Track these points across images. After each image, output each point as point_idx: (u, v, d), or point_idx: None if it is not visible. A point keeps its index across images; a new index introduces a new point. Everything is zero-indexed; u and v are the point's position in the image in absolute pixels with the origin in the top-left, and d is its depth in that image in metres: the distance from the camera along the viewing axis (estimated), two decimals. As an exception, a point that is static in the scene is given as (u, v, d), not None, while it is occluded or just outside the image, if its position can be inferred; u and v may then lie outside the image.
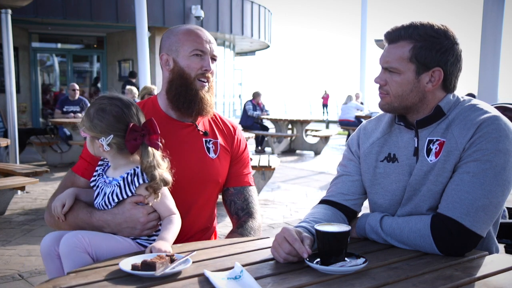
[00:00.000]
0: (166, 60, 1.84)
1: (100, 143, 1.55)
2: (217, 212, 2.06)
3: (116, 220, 1.57)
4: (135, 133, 1.54)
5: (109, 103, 1.57)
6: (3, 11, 6.23)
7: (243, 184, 1.95)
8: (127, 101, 1.61)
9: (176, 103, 1.82)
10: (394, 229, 1.49)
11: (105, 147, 1.55)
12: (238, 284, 1.18)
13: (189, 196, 1.83)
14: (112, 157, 1.60)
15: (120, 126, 1.54)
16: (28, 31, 13.78)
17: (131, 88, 8.11)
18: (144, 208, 1.58)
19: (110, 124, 1.54)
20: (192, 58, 1.80)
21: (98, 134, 1.55)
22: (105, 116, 1.55)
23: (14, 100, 6.39)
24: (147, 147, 1.55)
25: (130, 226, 1.57)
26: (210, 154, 1.87)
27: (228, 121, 2.03)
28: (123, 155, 1.58)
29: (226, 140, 1.96)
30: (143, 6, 7.99)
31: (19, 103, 11.27)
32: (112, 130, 1.54)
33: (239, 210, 1.92)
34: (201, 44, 1.81)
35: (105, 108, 1.56)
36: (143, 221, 1.57)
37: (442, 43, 1.50)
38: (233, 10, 16.00)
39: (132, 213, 1.56)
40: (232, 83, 19.65)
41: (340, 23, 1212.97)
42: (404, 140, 1.59)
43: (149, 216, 1.58)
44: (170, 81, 1.83)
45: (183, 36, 1.81)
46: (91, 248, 1.48)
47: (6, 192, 5.03)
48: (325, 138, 10.95)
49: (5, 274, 3.45)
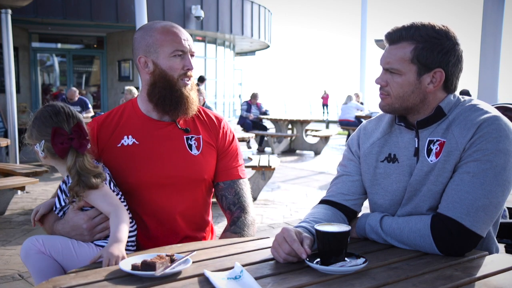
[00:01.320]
0: (145, 62, 1.79)
1: (36, 149, 1.62)
2: (216, 213, 2.05)
3: (65, 229, 1.62)
4: (61, 136, 1.57)
5: (41, 110, 1.64)
6: (3, 11, 6.23)
7: (232, 178, 1.91)
8: (59, 107, 1.63)
9: (162, 106, 1.79)
10: (394, 229, 1.49)
11: (41, 153, 1.61)
12: (238, 284, 1.18)
13: (175, 196, 1.81)
14: (54, 164, 1.64)
15: (48, 131, 1.59)
16: (28, 31, 13.79)
17: (131, 88, 8.12)
18: (86, 214, 1.60)
19: (40, 129, 1.60)
20: (173, 59, 1.76)
21: (34, 141, 1.62)
22: (36, 122, 1.62)
23: (14, 100, 6.39)
24: (74, 151, 1.58)
25: (77, 233, 1.60)
26: (192, 151, 1.84)
27: (213, 114, 1.98)
28: (60, 161, 1.62)
29: (210, 134, 1.91)
30: (143, 6, 7.98)
31: (19, 103, 11.25)
32: (42, 136, 1.59)
33: (231, 205, 1.89)
34: (180, 44, 1.76)
35: (37, 115, 1.63)
36: (86, 227, 1.59)
37: (443, 44, 1.49)
38: (233, 10, 16.01)
39: (75, 221, 1.60)
40: (232, 83, 19.66)
41: (340, 23, 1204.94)
42: (405, 141, 1.59)
43: (93, 221, 1.60)
44: (152, 84, 1.79)
45: (160, 36, 1.76)
46: (45, 248, 1.56)
47: (6, 192, 5.03)
48: (325, 138, 10.95)
49: (5, 274, 3.45)
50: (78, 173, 1.55)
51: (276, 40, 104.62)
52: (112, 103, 14.89)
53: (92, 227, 1.59)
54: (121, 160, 1.78)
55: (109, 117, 1.88)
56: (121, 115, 1.87)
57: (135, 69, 13.99)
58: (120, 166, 1.77)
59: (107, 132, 1.83)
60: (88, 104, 9.51)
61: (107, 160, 1.78)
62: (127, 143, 1.80)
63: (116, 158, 1.78)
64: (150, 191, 1.79)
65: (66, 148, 1.57)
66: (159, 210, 1.80)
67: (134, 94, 7.88)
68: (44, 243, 1.56)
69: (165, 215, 1.80)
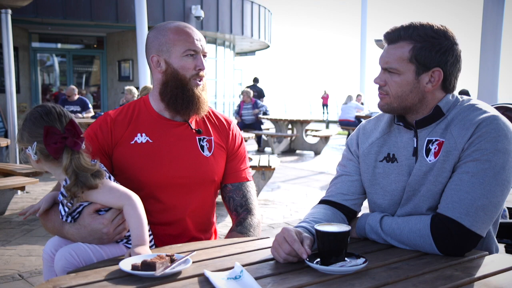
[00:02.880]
0: (157, 61, 1.80)
1: (28, 153, 1.52)
2: (217, 212, 2.06)
3: (81, 234, 1.54)
4: (54, 136, 1.49)
5: (31, 111, 1.55)
6: (3, 11, 6.24)
7: (241, 180, 1.93)
8: (50, 107, 1.55)
9: (174, 105, 1.79)
10: (394, 229, 1.49)
11: (33, 156, 1.51)
12: (238, 284, 1.18)
13: (185, 197, 1.81)
14: (49, 168, 1.56)
15: (39, 131, 1.50)
16: (28, 31, 13.79)
17: (131, 88, 8.11)
18: (104, 218, 1.52)
19: (31, 130, 1.51)
20: (185, 58, 1.77)
21: (25, 143, 1.53)
22: (26, 124, 1.53)
23: (14, 100, 6.39)
24: (69, 150, 1.50)
25: (96, 238, 1.53)
26: (204, 152, 1.85)
27: (222, 116, 1.99)
28: (55, 163, 1.53)
29: (221, 136, 1.93)
30: (143, 6, 7.99)
31: (19, 103, 11.26)
32: (34, 137, 1.50)
33: (238, 207, 1.90)
34: (193, 44, 1.77)
35: (27, 117, 1.54)
36: (106, 231, 1.52)
37: (441, 43, 1.50)
38: (233, 10, 16.01)
39: (93, 226, 1.52)
40: (232, 83, 19.65)
41: (340, 23, 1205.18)
42: (403, 140, 1.59)
43: (112, 223, 1.52)
44: (164, 83, 1.80)
45: (173, 35, 1.77)
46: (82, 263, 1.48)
47: (6, 192, 5.03)
48: (325, 138, 10.95)
49: (5, 274, 3.45)
50: (75, 172, 1.48)
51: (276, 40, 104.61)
52: (112, 103, 14.89)
53: (112, 231, 1.53)
54: (134, 157, 1.78)
55: (122, 113, 1.86)
56: (133, 112, 1.86)
57: (135, 69, 14.03)
58: (133, 163, 1.77)
59: (121, 128, 1.82)
60: (88, 104, 9.51)
61: (119, 156, 1.78)
62: (141, 141, 1.80)
63: (129, 155, 1.78)
64: (161, 190, 1.79)
65: (60, 148, 1.49)
66: (169, 210, 1.80)
67: (134, 94, 7.86)
68: (79, 259, 1.48)
69: (175, 215, 1.80)
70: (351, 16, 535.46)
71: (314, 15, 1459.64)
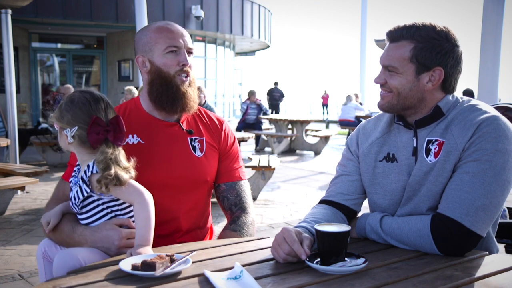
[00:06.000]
0: (142, 61, 1.80)
1: (65, 134, 1.54)
2: (215, 213, 2.06)
3: (94, 237, 1.54)
4: (98, 127, 1.51)
5: (79, 95, 1.56)
6: (3, 11, 6.23)
7: (234, 179, 1.93)
8: (98, 95, 1.59)
9: (160, 103, 1.79)
10: (394, 229, 1.49)
11: (69, 139, 1.53)
12: (238, 284, 1.18)
13: (178, 197, 1.81)
14: (77, 151, 1.57)
15: (85, 118, 1.52)
16: (28, 31, 13.79)
17: (131, 88, 8.10)
18: (122, 231, 1.53)
19: (76, 115, 1.53)
20: (167, 55, 1.76)
21: (65, 125, 1.54)
22: (72, 107, 1.54)
23: (14, 100, 6.39)
24: (109, 143, 1.53)
25: (105, 245, 1.53)
26: (196, 153, 1.84)
27: (214, 116, 1.99)
28: (86, 149, 1.54)
29: (213, 136, 1.92)
30: (143, 6, 7.98)
31: (19, 103, 11.27)
32: (77, 122, 1.52)
33: (232, 206, 1.90)
34: (174, 40, 1.77)
35: (73, 99, 1.55)
36: (117, 244, 1.52)
37: (443, 45, 1.50)
38: (233, 10, 16.01)
39: (109, 234, 1.53)
40: (232, 83, 19.65)
41: (340, 23, 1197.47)
42: (403, 140, 1.59)
43: (126, 241, 1.53)
44: (150, 82, 1.80)
45: (154, 34, 1.77)
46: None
47: (6, 192, 5.03)
48: (325, 138, 10.95)
49: (5, 274, 3.45)
50: (109, 166, 1.48)
51: (276, 40, 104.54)
52: (112, 103, 14.48)
53: (122, 245, 1.53)
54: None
55: None
56: (124, 113, 1.86)
57: (135, 69, 14.03)
58: None
59: None
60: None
61: None
62: (132, 142, 1.80)
63: None
64: (153, 191, 1.78)
65: (101, 139, 1.51)
66: (162, 211, 1.79)
67: (134, 94, 7.86)
68: (87, 263, 1.46)
69: (168, 215, 1.80)
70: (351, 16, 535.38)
71: (314, 15, 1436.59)
